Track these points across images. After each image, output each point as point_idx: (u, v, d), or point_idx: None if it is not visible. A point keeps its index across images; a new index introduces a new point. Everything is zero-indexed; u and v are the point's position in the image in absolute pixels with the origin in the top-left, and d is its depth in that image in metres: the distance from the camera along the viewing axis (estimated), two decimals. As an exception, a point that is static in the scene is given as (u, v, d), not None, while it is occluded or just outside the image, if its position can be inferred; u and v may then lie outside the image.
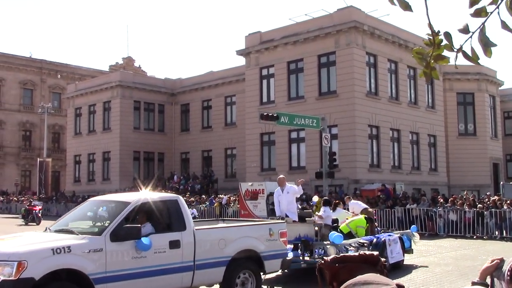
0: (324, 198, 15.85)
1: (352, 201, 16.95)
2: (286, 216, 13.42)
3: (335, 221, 13.94)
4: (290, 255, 11.24)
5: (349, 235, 13.01)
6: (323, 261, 1.39)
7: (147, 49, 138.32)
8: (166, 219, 8.95)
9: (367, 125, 32.68)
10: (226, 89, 44.05)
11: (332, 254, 9.97)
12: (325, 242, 11.66)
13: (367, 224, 13.56)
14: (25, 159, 64.15)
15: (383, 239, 12.93)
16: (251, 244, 9.49)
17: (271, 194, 20.29)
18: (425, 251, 17.47)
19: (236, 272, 9.13)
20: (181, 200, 9.10)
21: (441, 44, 2.39)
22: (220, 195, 34.17)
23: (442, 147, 38.62)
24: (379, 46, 33.77)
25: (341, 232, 13.06)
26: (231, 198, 32.13)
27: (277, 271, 10.06)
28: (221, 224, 11.03)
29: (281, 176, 14.69)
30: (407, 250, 14.45)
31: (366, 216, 14.02)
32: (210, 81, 45.44)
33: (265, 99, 36.36)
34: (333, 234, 11.79)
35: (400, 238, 13.95)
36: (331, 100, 32.64)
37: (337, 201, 16.90)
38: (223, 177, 43.05)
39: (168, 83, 49.98)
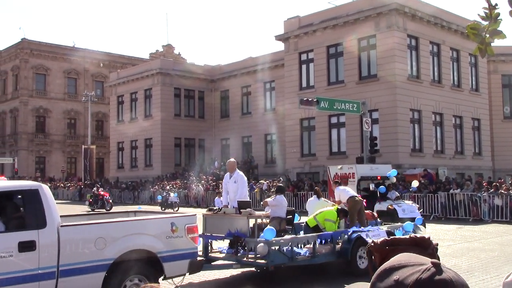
0: (278, 185, 13.64)
1: (339, 187, 13.93)
2: (234, 207, 11.18)
3: (291, 212, 12.00)
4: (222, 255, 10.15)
5: (316, 230, 11.01)
6: (373, 243, 1.39)
7: (187, 36, 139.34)
8: (19, 213, 7.31)
9: (409, 109, 32.18)
10: (265, 75, 44.01)
11: (261, 253, 9.07)
12: (257, 239, 9.52)
13: (338, 218, 11.31)
14: (71, 146, 65.85)
15: (356, 235, 10.66)
16: (144, 243, 7.72)
17: (362, 178, 19.13)
18: (470, 237, 17.20)
19: (120, 278, 7.42)
20: (44, 189, 7.21)
21: (498, 19, 2.31)
22: (261, 181, 34.35)
23: (487, 131, 37.70)
24: (421, 28, 33.07)
25: (307, 225, 11.40)
26: (272, 183, 32.21)
27: (184, 274, 8.31)
28: (109, 219, 8.82)
29: (231, 159, 12.65)
30: None
31: (339, 207, 11.74)
32: (249, 67, 45.49)
33: (304, 84, 36.20)
34: (267, 229, 9.61)
35: (390, 233, 11.37)
36: (371, 84, 32.24)
37: (316, 188, 15.01)
38: (263, 163, 43.20)
39: (207, 69, 50.29)
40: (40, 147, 64.40)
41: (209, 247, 10.69)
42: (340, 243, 10.68)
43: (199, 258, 8.53)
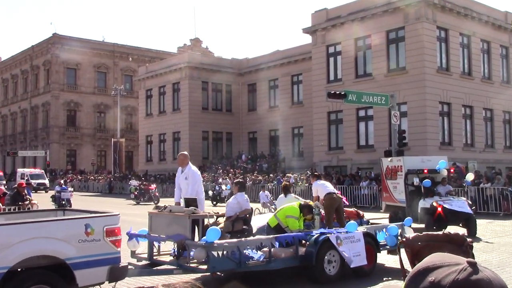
0: (237, 180, 11.82)
1: (318, 181, 12.29)
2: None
3: (250, 213, 10.63)
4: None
5: (279, 230, 9.76)
6: (404, 239, 1.40)
7: (214, 29, 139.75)
8: None
9: (438, 101, 31.81)
10: (292, 68, 43.98)
11: (198, 258, 8.12)
12: (197, 242, 8.56)
13: (302, 214, 9.93)
14: (100, 140, 66.92)
15: (324, 237, 9.22)
16: (48, 248, 6.69)
17: (410, 172, 17.27)
18: (501, 232, 17.01)
19: None
20: None
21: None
22: (288, 174, 34.42)
23: (518, 124, 37.03)
24: (451, 19, 32.60)
25: (268, 226, 10.07)
26: (300, 177, 32.26)
27: (102, 283, 7.23)
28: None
29: (182, 153, 11.42)
30: (390, 250, 10.60)
31: (302, 203, 10.38)
32: (276, 60, 45.49)
33: (332, 77, 36.06)
34: (209, 230, 8.42)
35: (369, 235, 10.04)
36: (400, 77, 31.96)
37: (287, 183, 13.39)
38: (290, 156, 43.23)
39: (235, 63, 50.46)
40: (71, 140, 65.63)
41: (154, 249, 9.41)
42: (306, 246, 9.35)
43: (122, 264, 7.38)
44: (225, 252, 8.23)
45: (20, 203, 13.82)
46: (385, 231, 10.57)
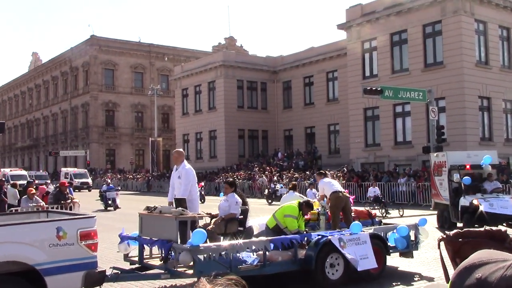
0: (228, 180, 10.83)
1: (324, 179, 11.59)
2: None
3: (244, 212, 9.93)
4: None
5: (277, 230, 9.23)
6: (445, 236, 1.36)
7: (248, 28, 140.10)
8: None
9: (477, 96, 31.17)
10: (327, 65, 43.77)
11: (183, 262, 7.69)
12: (183, 245, 7.91)
13: (300, 213, 9.32)
14: (138, 139, 67.98)
15: (325, 239, 8.61)
16: (16, 253, 6.29)
17: (454, 168, 16.05)
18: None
19: None
20: None
21: None
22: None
23: None
24: (489, 12, 31.87)
25: (267, 226, 9.58)
26: (336, 174, 32.09)
27: None
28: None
29: (177, 150, 10.80)
30: (403, 252, 9.99)
31: (301, 201, 9.79)
32: (311, 57, 45.35)
33: (368, 73, 35.74)
34: (195, 232, 7.92)
35: (377, 237, 9.39)
36: (437, 72, 31.44)
37: (294, 182, 12.32)
38: (326, 153, 43.08)
39: (269, 61, 50.52)
40: (110, 140, 66.90)
41: (146, 252, 8.98)
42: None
43: (100, 269, 6.97)
44: (213, 256, 7.72)
45: (62, 201, 14.20)
46: (396, 232, 9.84)
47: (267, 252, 8.31)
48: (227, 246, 8.00)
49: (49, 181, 38.18)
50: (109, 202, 26.96)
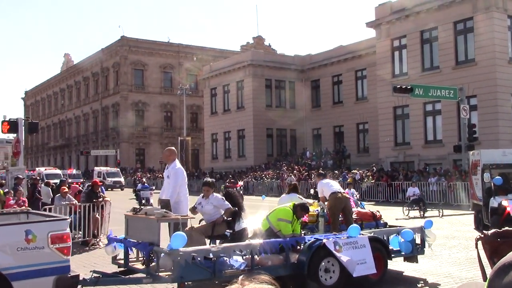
0: (206, 180, 9.88)
1: (323, 181, 11.13)
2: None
3: (233, 213, 9.07)
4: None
5: (270, 233, 8.68)
6: (483, 235, 1.36)
7: (276, 27, 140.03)
8: None
9: (510, 94, 30.56)
10: (356, 63, 43.46)
11: (163, 266, 7.46)
12: (163, 249, 7.57)
13: (295, 217, 8.73)
14: (167, 138, 68.57)
15: (319, 243, 8.17)
16: None
17: (487, 167, 15.17)
18: None
19: None
20: None
21: None
22: (354, 171, 34.10)
23: None
24: (523, 7, 31.20)
25: (260, 229, 9.07)
26: (365, 173, 31.92)
27: None
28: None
29: (168, 148, 10.12)
30: (407, 256, 9.55)
31: (296, 203, 9.07)
32: (339, 55, 45.09)
33: (397, 71, 35.38)
34: (174, 236, 7.44)
35: (377, 240, 8.93)
36: (469, 69, 30.93)
37: (295, 183, 11.74)
38: (355, 152, 42.81)
39: (297, 59, 50.41)
40: (139, 139, 67.71)
41: (129, 255, 8.56)
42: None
43: (73, 274, 6.71)
44: (197, 260, 7.35)
45: (94, 200, 14.44)
46: (399, 235, 9.35)
47: (255, 256, 7.91)
48: (209, 250, 7.65)
49: (81, 180, 38.80)
50: (143, 201, 27.15)
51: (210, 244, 8.90)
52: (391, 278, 9.20)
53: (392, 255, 9.18)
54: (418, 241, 9.58)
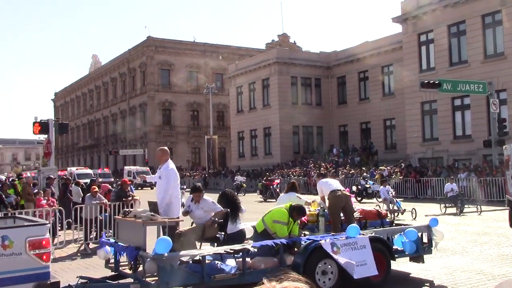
0: (195, 186, 9.46)
1: (322, 180, 10.76)
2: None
3: (225, 215, 8.78)
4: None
5: (266, 235, 8.31)
6: None
7: (301, 24, 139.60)
8: None
9: (542, 87, 29.94)
10: (382, 59, 43.11)
11: (148, 271, 7.31)
12: (147, 253, 7.34)
13: (291, 219, 8.36)
14: (194, 137, 69.11)
15: (314, 244, 7.83)
16: None
17: None
18: None
19: None
20: None
21: None
22: (381, 167, 33.86)
23: None
24: (554, -1, 30.52)
25: (255, 230, 8.74)
26: (393, 169, 31.64)
27: None
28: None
29: (161, 148, 9.67)
30: (412, 256, 9.20)
31: (293, 204, 8.63)
32: (365, 51, 44.79)
33: (424, 66, 34.99)
34: (159, 240, 7.16)
35: (379, 240, 8.56)
36: (498, 63, 30.40)
37: (293, 181, 11.66)
38: (383, 149, 42.49)
39: (323, 56, 50.23)
40: (167, 138, 68.31)
41: (119, 259, 8.33)
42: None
43: (53, 280, 6.48)
44: (184, 265, 7.13)
45: (124, 199, 14.64)
46: (403, 235, 8.99)
47: (247, 259, 7.62)
48: (197, 254, 7.39)
49: (112, 179, 39.33)
50: None
51: (200, 247, 8.66)
52: (397, 280, 8.84)
53: (396, 256, 8.79)
54: (425, 240, 9.24)
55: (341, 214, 9.84)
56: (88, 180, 22.33)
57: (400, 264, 9.49)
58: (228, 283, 7.53)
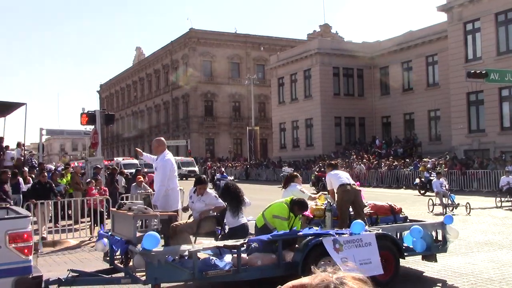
0: (198, 178, 9.16)
1: (332, 172, 10.20)
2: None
3: (224, 210, 8.51)
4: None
5: (265, 231, 7.93)
6: None
7: (343, 14, 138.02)
8: None
9: None
10: (427, 49, 42.30)
11: (137, 267, 7.05)
12: (135, 248, 7.08)
13: (291, 213, 8.06)
14: (236, 128, 69.54)
15: (315, 241, 7.39)
16: None
17: None
18: None
19: None
20: None
21: None
22: (425, 159, 33.35)
23: None
24: None
25: (256, 225, 8.45)
26: (438, 161, 31.08)
27: None
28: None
29: (156, 138, 9.31)
30: (425, 255, 8.79)
31: (294, 199, 8.29)
32: (409, 41, 44.02)
33: (470, 56, 34.17)
34: (146, 235, 6.94)
35: (387, 237, 8.03)
36: (549, 52, 29.41)
37: (295, 173, 11.07)
38: (427, 140, 41.80)
39: (366, 46, 49.64)
40: (209, 129, 69.02)
41: (114, 252, 8.14)
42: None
43: (35, 274, 6.26)
44: (173, 260, 6.88)
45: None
46: (409, 233, 8.52)
47: (243, 255, 7.36)
48: (186, 249, 7.10)
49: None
50: None
51: (195, 241, 8.43)
52: (408, 279, 8.46)
53: (406, 254, 8.34)
54: (440, 238, 8.87)
55: (351, 209, 9.44)
56: (133, 170, 22.80)
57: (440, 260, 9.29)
58: (221, 280, 7.26)
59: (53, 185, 15.66)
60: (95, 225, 13.44)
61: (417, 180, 27.65)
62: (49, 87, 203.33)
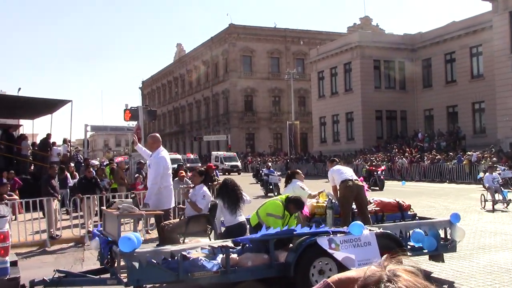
0: (200, 169, 9.19)
1: (334, 167, 9.95)
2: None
3: (213, 207, 8.43)
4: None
5: (259, 229, 7.41)
6: None
7: (384, 6, 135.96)
8: None
9: None
10: (470, 39, 41.29)
11: (122, 266, 6.79)
12: (118, 249, 6.58)
13: (286, 212, 7.74)
14: (276, 123, 69.59)
15: (310, 240, 6.95)
16: None
17: None
18: None
19: None
20: None
21: None
22: (469, 152, 32.64)
23: None
24: None
25: (249, 223, 8.11)
26: (483, 155, 30.38)
27: None
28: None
29: (151, 135, 9.06)
30: (431, 255, 8.23)
31: (290, 196, 7.95)
32: (452, 32, 43.07)
33: (517, 46, 33.20)
34: (123, 238, 6.50)
35: (389, 236, 7.53)
36: None
37: (295, 170, 10.63)
38: (471, 133, 40.85)
39: (407, 38, 48.81)
40: (249, 124, 69.30)
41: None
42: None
43: (13, 276, 6.02)
44: (156, 261, 6.60)
45: (209, 183, 15.13)
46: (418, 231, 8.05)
47: (234, 256, 7.08)
48: (169, 250, 6.75)
49: (199, 164, 40.50)
50: (270, 187, 24.72)
51: (184, 241, 8.21)
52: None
53: (410, 254, 7.73)
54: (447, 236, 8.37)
55: (354, 206, 9.10)
56: (176, 165, 23.03)
57: (449, 259, 8.96)
58: (209, 281, 6.89)
59: (98, 180, 16.07)
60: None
61: (481, 174, 26.33)
62: (93, 85, 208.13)
